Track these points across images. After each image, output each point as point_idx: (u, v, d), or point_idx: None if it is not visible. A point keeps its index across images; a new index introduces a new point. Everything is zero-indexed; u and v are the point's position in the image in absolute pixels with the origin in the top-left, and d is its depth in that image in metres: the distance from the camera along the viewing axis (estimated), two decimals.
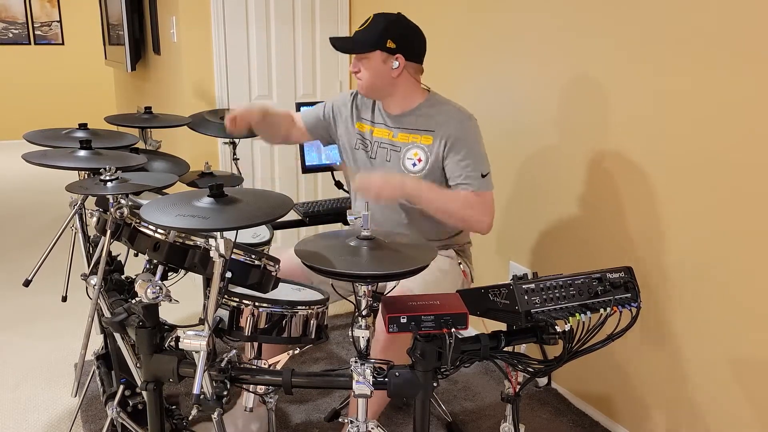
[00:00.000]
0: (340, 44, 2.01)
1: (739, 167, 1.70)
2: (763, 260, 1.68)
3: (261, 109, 2.09)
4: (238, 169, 2.60)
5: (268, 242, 2.08)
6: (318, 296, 1.71)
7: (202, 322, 1.41)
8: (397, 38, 1.94)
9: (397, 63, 1.95)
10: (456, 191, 1.93)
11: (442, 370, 1.41)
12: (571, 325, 1.36)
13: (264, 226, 2.15)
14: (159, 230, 1.48)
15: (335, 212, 2.60)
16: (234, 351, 1.50)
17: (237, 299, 1.51)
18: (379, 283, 1.90)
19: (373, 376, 1.38)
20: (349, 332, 1.65)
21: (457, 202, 1.91)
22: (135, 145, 2.15)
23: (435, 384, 1.41)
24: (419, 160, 1.98)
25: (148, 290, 1.38)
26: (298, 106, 2.74)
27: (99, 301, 1.78)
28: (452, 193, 1.94)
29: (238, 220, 1.29)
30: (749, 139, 1.67)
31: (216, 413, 1.47)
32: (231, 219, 1.29)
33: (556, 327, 1.35)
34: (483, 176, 1.94)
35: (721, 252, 1.78)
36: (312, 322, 1.57)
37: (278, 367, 1.62)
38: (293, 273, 1.95)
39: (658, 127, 1.91)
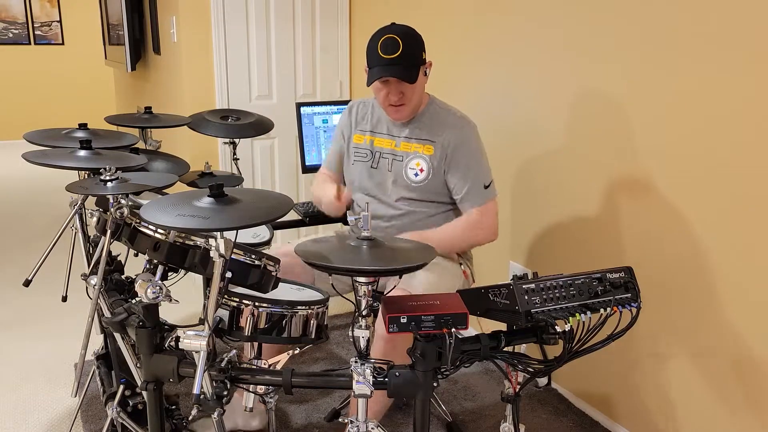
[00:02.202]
0: (402, 77, 1.84)
1: (739, 167, 1.70)
2: (763, 260, 1.68)
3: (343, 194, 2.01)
4: (238, 169, 2.59)
5: (268, 242, 2.08)
6: (318, 296, 1.71)
7: (202, 322, 1.41)
8: (424, 48, 1.92)
9: (429, 70, 1.96)
10: (455, 222, 1.98)
11: (442, 370, 1.41)
12: (571, 325, 1.36)
13: (264, 226, 2.15)
14: (159, 230, 1.48)
15: None
16: (234, 351, 1.50)
17: (237, 299, 1.51)
18: (380, 283, 1.91)
19: (373, 376, 1.38)
20: (349, 332, 1.65)
21: (461, 233, 1.96)
22: (135, 145, 2.15)
23: (435, 384, 1.41)
24: (421, 170, 1.98)
25: (148, 290, 1.38)
26: (298, 106, 2.74)
27: (99, 301, 1.78)
28: (454, 227, 1.97)
29: (238, 220, 1.29)
30: (749, 140, 1.67)
31: (216, 413, 1.47)
32: (231, 219, 1.29)
33: (556, 327, 1.35)
34: (486, 187, 1.95)
35: (722, 252, 1.78)
36: (312, 322, 1.57)
37: (278, 367, 1.62)
38: (293, 268, 1.95)
39: (658, 127, 1.91)
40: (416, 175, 1.99)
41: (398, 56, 1.83)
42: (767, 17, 1.59)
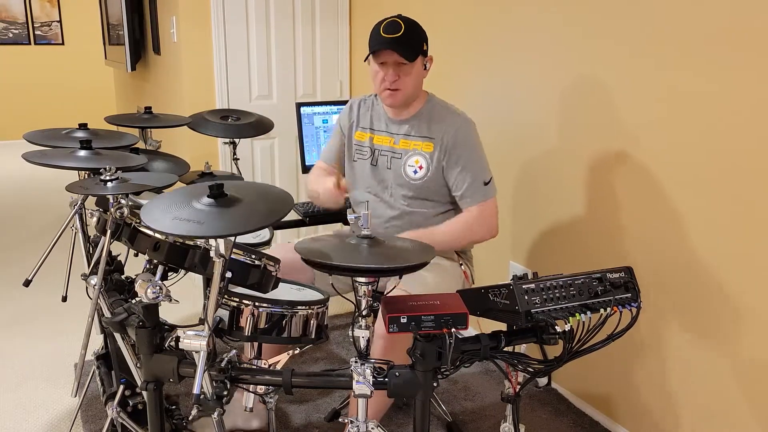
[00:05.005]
0: (401, 51, 1.84)
1: (739, 168, 1.70)
2: (762, 260, 1.68)
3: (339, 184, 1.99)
4: (238, 169, 2.60)
5: (268, 242, 2.08)
6: (318, 296, 1.71)
7: (202, 322, 1.41)
8: (426, 40, 1.95)
9: (429, 65, 1.97)
10: (455, 220, 1.98)
11: (442, 370, 1.41)
12: (571, 325, 1.36)
13: None
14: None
15: (335, 212, 2.60)
16: (234, 351, 1.50)
17: (237, 299, 1.51)
18: (380, 283, 1.90)
19: (373, 376, 1.38)
20: (349, 332, 1.65)
21: (461, 231, 1.96)
22: (135, 145, 2.15)
23: (435, 384, 1.41)
24: (420, 168, 1.98)
25: (148, 290, 1.38)
26: (298, 106, 2.74)
27: (99, 301, 1.78)
28: (454, 225, 1.97)
29: (237, 225, 1.28)
30: (749, 140, 1.67)
31: (216, 413, 1.47)
32: (229, 225, 1.28)
33: (556, 327, 1.35)
34: (486, 184, 1.95)
35: (721, 252, 1.78)
36: (312, 322, 1.57)
37: (278, 367, 1.62)
38: (294, 265, 1.95)
39: (658, 127, 1.91)
40: (415, 172, 1.99)
41: (399, 35, 1.86)
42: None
